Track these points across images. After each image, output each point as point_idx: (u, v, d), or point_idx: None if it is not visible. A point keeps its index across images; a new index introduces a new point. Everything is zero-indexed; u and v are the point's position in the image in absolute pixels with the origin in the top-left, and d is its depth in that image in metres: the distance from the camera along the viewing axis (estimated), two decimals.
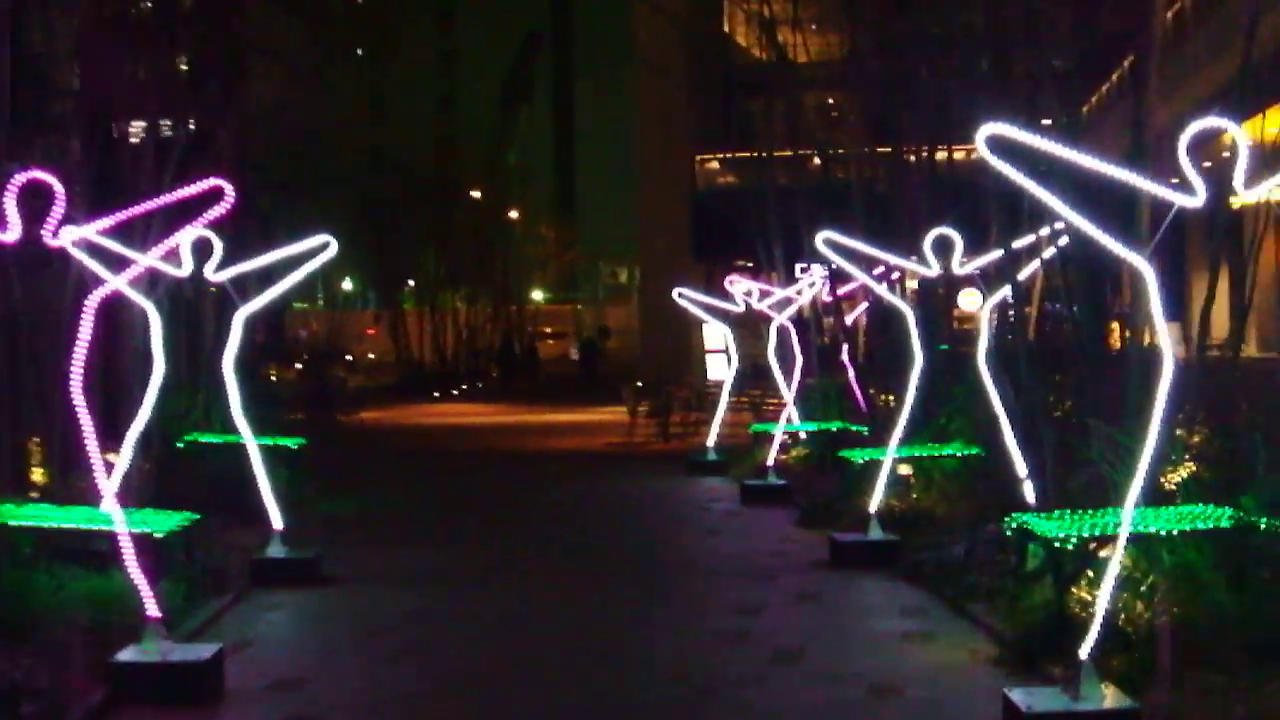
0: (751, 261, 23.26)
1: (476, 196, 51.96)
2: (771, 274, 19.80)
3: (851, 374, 16.85)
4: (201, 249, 9.40)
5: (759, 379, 21.00)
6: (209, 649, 7.34)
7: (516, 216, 57.47)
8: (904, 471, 12.33)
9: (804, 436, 16.88)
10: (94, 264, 7.56)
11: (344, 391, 31.72)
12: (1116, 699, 6.16)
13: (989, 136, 5.86)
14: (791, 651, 8.10)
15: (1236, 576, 7.36)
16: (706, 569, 11.15)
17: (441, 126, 66.08)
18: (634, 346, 47.75)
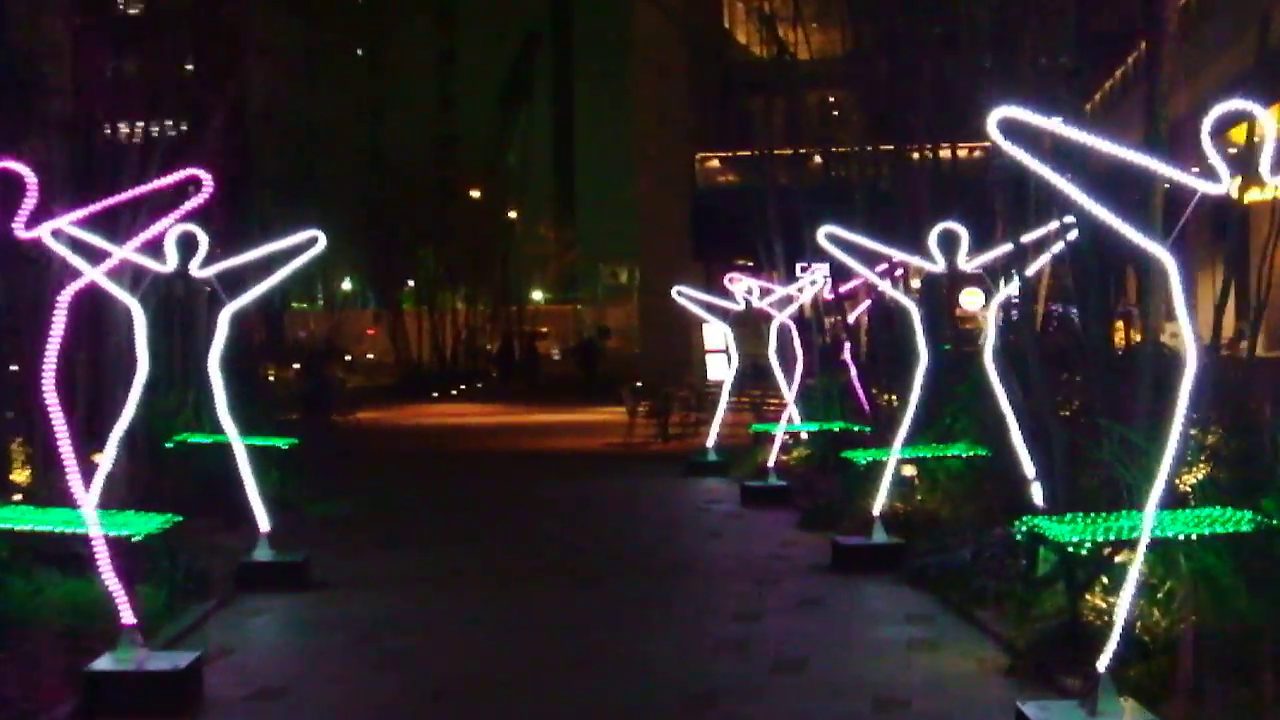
0: (752, 260, 22.97)
1: (476, 196, 51.82)
2: (772, 272, 19.54)
3: (854, 373, 16.58)
4: (187, 244, 9.13)
5: (759, 378, 20.74)
6: (187, 657, 7.06)
7: (516, 216, 57.33)
8: (908, 472, 12.06)
9: (805, 437, 16.62)
10: (73, 257, 7.28)
11: (342, 392, 31.50)
12: (1136, 713, 5.86)
13: (1001, 120, 5.58)
14: (793, 660, 7.81)
15: (1259, 582, 7.05)
16: (705, 573, 10.87)
17: (441, 126, 65.98)
18: (634, 346, 47.58)
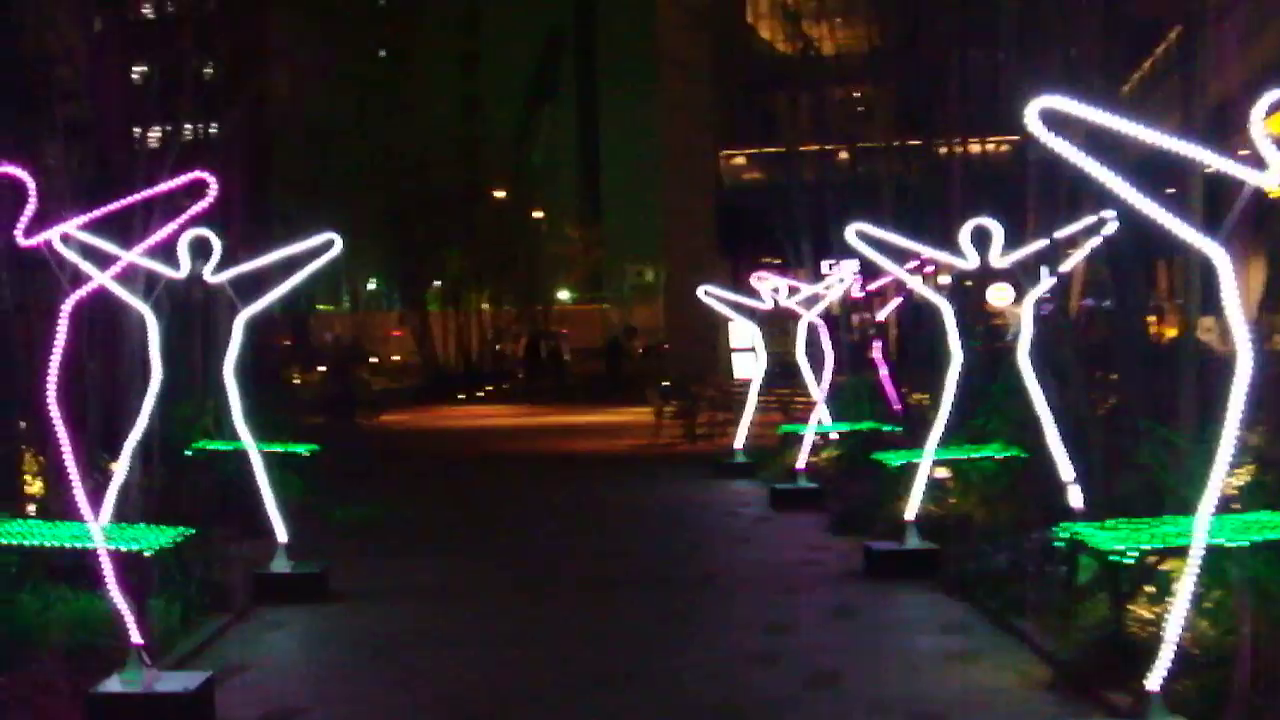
0: (779, 258, 22.68)
1: (501, 197, 51.65)
2: (799, 270, 19.24)
3: (884, 372, 16.27)
4: (201, 249, 8.93)
5: (788, 378, 20.43)
6: (197, 677, 6.84)
7: (541, 216, 57.17)
8: (941, 475, 11.74)
9: (835, 437, 16.30)
10: (82, 262, 7.08)
11: (367, 394, 31.37)
12: None
13: (1041, 110, 5.28)
14: (826, 673, 7.53)
15: None
16: (734, 581, 10.59)
17: (465, 127, 65.87)
18: (660, 345, 47.30)
